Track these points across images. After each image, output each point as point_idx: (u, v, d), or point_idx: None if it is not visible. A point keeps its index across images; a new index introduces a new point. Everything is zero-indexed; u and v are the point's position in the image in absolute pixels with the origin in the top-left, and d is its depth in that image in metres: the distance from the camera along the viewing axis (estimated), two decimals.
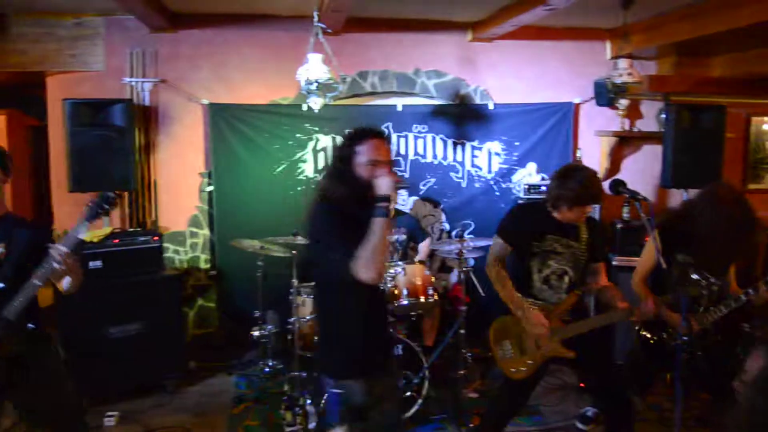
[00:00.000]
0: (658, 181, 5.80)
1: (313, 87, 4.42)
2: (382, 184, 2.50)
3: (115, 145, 4.88)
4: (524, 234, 3.30)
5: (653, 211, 2.97)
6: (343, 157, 2.63)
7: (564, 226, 3.28)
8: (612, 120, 6.12)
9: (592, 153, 6.06)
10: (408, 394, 4.15)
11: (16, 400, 2.90)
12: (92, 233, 4.53)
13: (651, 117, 6.28)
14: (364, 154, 2.58)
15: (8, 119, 8.91)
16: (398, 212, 5.11)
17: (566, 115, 5.93)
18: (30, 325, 2.79)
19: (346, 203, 2.57)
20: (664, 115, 5.87)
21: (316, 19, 4.50)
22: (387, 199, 2.48)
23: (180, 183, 5.54)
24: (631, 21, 5.27)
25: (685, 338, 2.74)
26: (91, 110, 4.87)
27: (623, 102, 5.30)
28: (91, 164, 4.81)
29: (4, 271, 2.74)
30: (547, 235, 3.26)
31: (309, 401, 4.09)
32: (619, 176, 5.95)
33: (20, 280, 2.69)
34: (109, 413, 4.31)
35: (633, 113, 6.21)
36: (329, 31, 4.64)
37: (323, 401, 4.06)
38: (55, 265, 2.63)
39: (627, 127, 6.15)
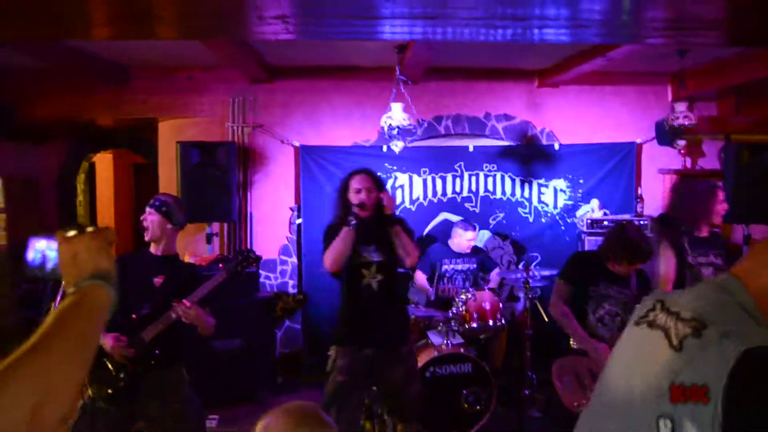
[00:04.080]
0: None
1: (395, 132, 4.98)
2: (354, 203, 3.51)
3: (219, 182, 5.54)
4: (582, 278, 3.75)
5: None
6: (339, 188, 3.69)
7: (617, 276, 3.72)
8: (675, 158, 6.42)
9: (656, 190, 6.37)
10: (477, 408, 4.56)
11: (144, 418, 3.26)
12: (201, 258, 5.21)
13: (713, 155, 6.54)
14: (352, 184, 3.59)
15: (114, 157, 9.94)
16: (476, 249, 5.60)
17: (629, 154, 6.28)
18: (157, 351, 3.19)
19: (342, 220, 3.55)
20: (724, 154, 6.13)
21: (398, 72, 5.07)
22: (355, 216, 3.46)
23: (272, 216, 6.17)
24: (691, 65, 5.61)
25: None
26: (200, 151, 5.55)
27: (681, 142, 5.61)
28: (199, 198, 5.47)
29: (157, 298, 3.22)
30: (602, 281, 3.71)
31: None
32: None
33: (166, 310, 3.16)
34: (211, 416, 4.89)
35: (695, 152, 6.50)
36: (409, 82, 5.19)
37: None
38: (173, 315, 3.13)
39: (689, 166, 6.44)
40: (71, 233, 1.29)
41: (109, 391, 3.15)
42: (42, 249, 1.40)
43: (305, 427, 1.52)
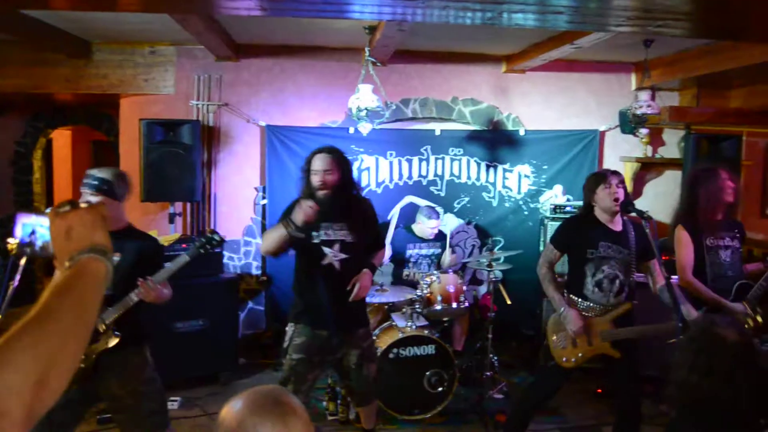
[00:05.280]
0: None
1: (363, 114, 4.95)
2: (297, 216, 3.40)
3: (182, 161, 5.45)
4: (577, 242, 3.71)
5: (656, 227, 3.42)
6: (303, 167, 3.65)
7: (614, 233, 3.68)
8: (636, 146, 6.53)
9: None
10: (439, 390, 4.62)
11: (105, 397, 3.21)
12: (164, 238, 5.13)
13: (674, 144, 6.68)
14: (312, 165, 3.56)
15: (73, 134, 9.71)
16: (441, 234, 5.62)
17: (592, 142, 6.37)
18: (116, 332, 3.11)
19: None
20: (684, 144, 6.28)
21: (367, 53, 5.04)
22: (293, 224, 3.40)
23: (237, 196, 6.11)
24: (654, 56, 5.71)
25: None
26: (163, 129, 5.46)
27: (643, 131, 5.72)
28: (161, 177, 5.38)
29: (115, 278, 3.13)
30: (600, 242, 3.65)
31: None
32: (642, 199, 6.41)
33: (127, 288, 3.05)
34: (173, 398, 4.85)
35: (656, 140, 6.63)
36: (377, 63, 5.17)
37: None
38: (135, 298, 3.06)
39: (650, 154, 6.57)
40: (65, 208, 1.28)
41: None
42: (31, 225, 1.38)
43: (265, 411, 1.51)
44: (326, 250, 3.59)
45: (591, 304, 3.68)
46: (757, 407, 1.97)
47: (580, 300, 3.71)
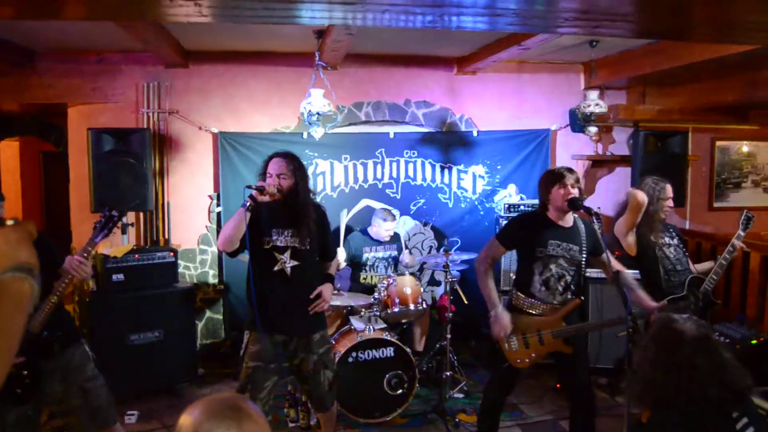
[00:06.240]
0: None
1: (315, 118, 4.94)
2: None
3: (133, 170, 5.33)
4: (526, 240, 3.71)
5: (603, 221, 3.52)
6: (260, 172, 3.67)
7: (564, 230, 3.69)
8: (587, 144, 6.67)
9: None
10: (400, 392, 4.63)
11: (48, 404, 3.22)
12: (116, 249, 5.04)
13: (623, 141, 6.83)
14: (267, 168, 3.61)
15: (21, 145, 9.46)
16: (395, 236, 5.66)
17: (544, 141, 6.48)
18: (45, 332, 3.07)
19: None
20: (632, 141, 6.42)
21: (317, 57, 5.03)
22: (251, 197, 3.41)
23: (191, 204, 6.02)
24: (601, 56, 5.84)
25: None
26: (113, 138, 5.34)
27: (592, 129, 5.84)
28: (112, 187, 5.27)
29: None
30: (550, 240, 3.66)
31: None
32: (593, 196, 6.53)
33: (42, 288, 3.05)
34: (130, 412, 4.76)
35: (606, 138, 6.77)
36: (328, 68, 5.17)
37: None
38: (73, 273, 3.10)
39: (600, 152, 6.71)
40: None
41: (18, 390, 3.06)
42: None
43: (222, 416, 1.50)
44: (277, 255, 3.60)
45: (536, 302, 3.71)
46: (726, 398, 1.96)
47: (525, 297, 3.73)
